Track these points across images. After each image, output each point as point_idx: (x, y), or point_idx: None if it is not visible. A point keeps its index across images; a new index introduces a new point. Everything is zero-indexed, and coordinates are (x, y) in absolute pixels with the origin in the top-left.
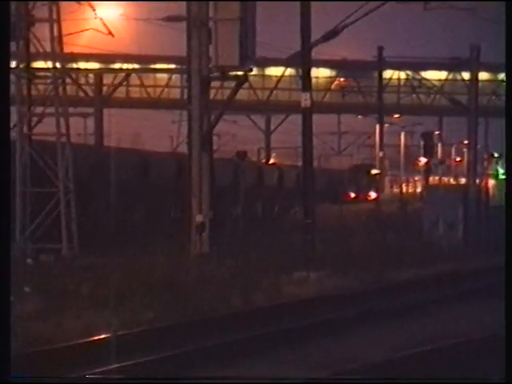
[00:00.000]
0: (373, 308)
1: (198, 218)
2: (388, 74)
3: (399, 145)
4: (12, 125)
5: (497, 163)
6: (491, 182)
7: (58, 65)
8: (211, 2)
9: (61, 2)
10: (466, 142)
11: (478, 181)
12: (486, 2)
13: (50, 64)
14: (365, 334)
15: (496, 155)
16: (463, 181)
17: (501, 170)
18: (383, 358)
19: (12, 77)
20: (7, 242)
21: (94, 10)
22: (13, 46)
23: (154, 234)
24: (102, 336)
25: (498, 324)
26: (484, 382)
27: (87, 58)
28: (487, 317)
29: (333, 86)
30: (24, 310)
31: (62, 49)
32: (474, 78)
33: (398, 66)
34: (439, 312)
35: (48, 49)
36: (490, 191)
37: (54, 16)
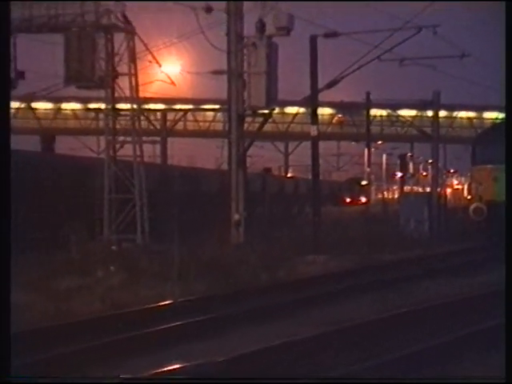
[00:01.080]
0: (361, 282)
1: (236, 217)
2: (374, 111)
3: (382, 163)
4: (101, 149)
5: (452, 177)
6: (448, 191)
7: (135, 106)
8: (245, 60)
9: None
10: (430, 161)
11: (438, 189)
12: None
13: (129, 106)
14: (355, 301)
15: (452, 171)
16: (428, 189)
17: (455, 182)
18: (365, 319)
19: (102, 115)
20: (7, 243)
21: (160, 66)
22: (102, 93)
23: (204, 229)
24: (167, 302)
25: (452, 294)
26: (484, 381)
27: (155, 101)
28: (446, 288)
29: (334, 121)
30: (110, 284)
31: (137, 94)
32: (436, 115)
33: (381, 106)
34: (411, 285)
35: (128, 94)
36: (448, 197)
37: (132, 71)
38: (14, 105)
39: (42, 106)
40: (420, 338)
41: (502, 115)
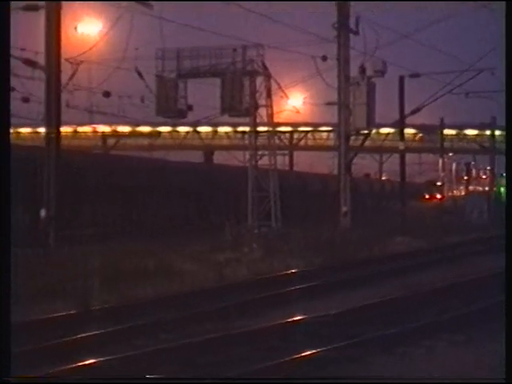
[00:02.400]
0: (436, 257)
1: (344, 209)
2: (446, 131)
3: (452, 169)
4: (246, 160)
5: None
6: (502, 190)
7: (270, 129)
8: (351, 94)
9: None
10: (488, 168)
11: (494, 189)
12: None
13: (266, 128)
14: (433, 271)
15: (504, 174)
16: (487, 189)
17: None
18: (441, 284)
19: (247, 135)
20: (7, 243)
21: (287, 98)
22: (247, 119)
23: (318, 218)
24: (293, 271)
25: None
26: (484, 382)
27: (285, 124)
28: (495, 262)
29: (416, 138)
30: (253, 257)
31: (272, 120)
32: (492, 134)
33: (451, 127)
34: (474, 259)
35: (265, 120)
36: (504, 194)
37: (268, 103)
38: (184, 129)
39: (204, 129)
40: (482, 296)
41: None
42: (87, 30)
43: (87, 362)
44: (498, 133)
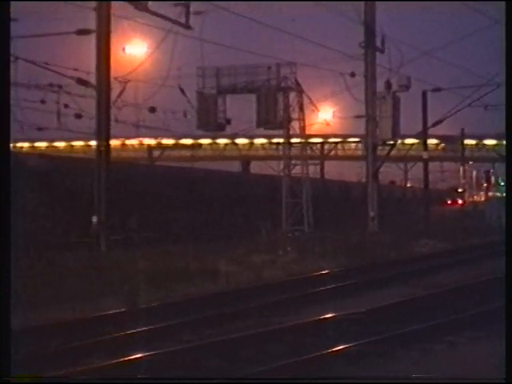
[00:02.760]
0: (458, 258)
1: (371, 214)
2: (466, 141)
3: (472, 177)
4: (280, 169)
5: None
6: None
7: (303, 140)
8: (377, 108)
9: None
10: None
11: None
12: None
13: (299, 140)
14: (456, 270)
15: None
16: (505, 194)
17: None
18: (463, 283)
19: (281, 147)
20: (7, 244)
21: (318, 111)
22: (281, 132)
23: (347, 222)
24: (325, 271)
25: None
26: (484, 382)
27: (316, 136)
28: None
29: (439, 148)
30: (287, 259)
31: (304, 132)
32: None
33: (472, 137)
34: (493, 260)
35: (298, 132)
36: None
37: (301, 117)
38: (223, 141)
39: (241, 141)
40: (496, 295)
41: None
42: (134, 51)
43: (136, 356)
44: None
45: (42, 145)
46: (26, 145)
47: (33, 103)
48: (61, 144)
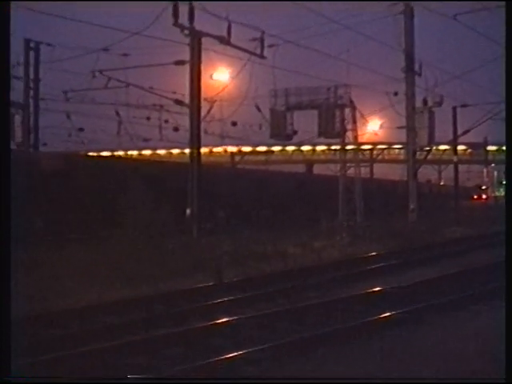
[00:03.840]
0: (483, 242)
1: (411, 206)
2: (489, 147)
3: (494, 176)
4: (337, 170)
5: None
6: None
7: (355, 146)
8: (416, 120)
9: (358, 123)
10: None
11: None
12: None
13: (352, 146)
14: (480, 252)
15: None
16: None
17: None
18: (485, 262)
19: (338, 152)
20: (7, 243)
21: (368, 123)
22: (338, 140)
23: (392, 214)
24: (373, 253)
25: None
26: (484, 382)
27: (367, 143)
28: None
29: (467, 153)
30: (343, 243)
31: (357, 140)
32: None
33: (495, 144)
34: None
35: (352, 140)
36: None
37: (354, 128)
38: (291, 148)
39: (305, 148)
40: None
41: None
42: (220, 77)
43: (222, 320)
44: None
45: (147, 152)
46: (135, 153)
47: (140, 119)
48: (162, 151)
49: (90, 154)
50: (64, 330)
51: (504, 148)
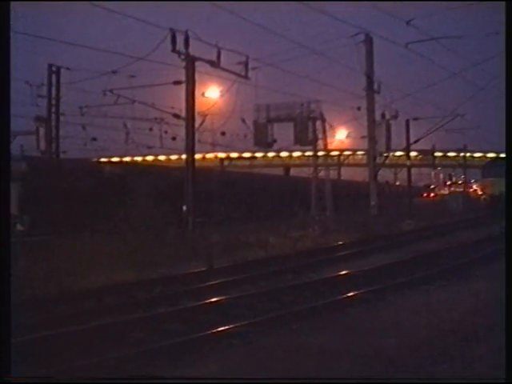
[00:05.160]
0: (431, 232)
1: (372, 202)
2: (437, 154)
3: (440, 177)
4: (310, 173)
5: (473, 184)
6: (471, 190)
7: (325, 153)
8: (376, 130)
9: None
10: (463, 176)
11: (466, 190)
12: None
13: (323, 153)
14: (430, 241)
15: (472, 180)
16: (462, 190)
17: (474, 186)
18: (433, 249)
19: (311, 158)
20: (7, 242)
21: (336, 134)
22: (311, 148)
23: (356, 209)
24: (340, 243)
25: (474, 237)
26: (484, 381)
27: (335, 150)
28: (471, 234)
29: (417, 158)
30: (315, 234)
31: (326, 147)
32: (464, 156)
33: (441, 150)
34: (453, 234)
35: (322, 147)
36: (471, 193)
37: (323, 137)
38: (271, 154)
39: (283, 154)
40: (461, 256)
41: (500, 154)
42: (211, 94)
43: (213, 300)
44: (467, 154)
45: (150, 158)
46: (139, 158)
47: (144, 130)
48: (162, 157)
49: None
50: (73, 309)
51: (448, 154)
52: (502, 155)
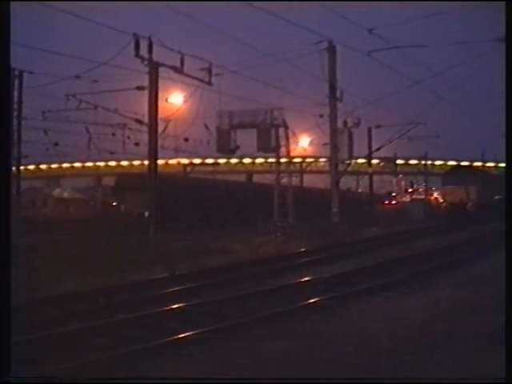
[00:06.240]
0: (393, 239)
1: (334, 210)
2: (398, 161)
3: (401, 185)
4: (273, 179)
5: (434, 191)
6: (432, 198)
7: (288, 160)
8: (338, 138)
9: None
10: (424, 184)
11: (427, 197)
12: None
13: (286, 159)
14: (391, 248)
15: (433, 188)
16: (423, 197)
17: (435, 193)
18: (394, 256)
19: (274, 165)
20: (7, 243)
21: (299, 141)
22: (273, 154)
23: (318, 216)
24: (302, 249)
25: (434, 244)
26: (484, 382)
27: (298, 157)
28: (430, 242)
29: (379, 165)
30: (277, 241)
31: (289, 154)
32: (425, 164)
33: (402, 158)
34: (414, 241)
35: (285, 154)
36: (432, 200)
37: (286, 143)
38: (234, 160)
39: (246, 160)
40: (421, 264)
41: (460, 163)
42: (174, 100)
43: (173, 307)
44: (429, 162)
45: (113, 164)
46: (102, 164)
47: (106, 136)
48: (125, 163)
49: None
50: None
51: (410, 162)
52: (463, 163)
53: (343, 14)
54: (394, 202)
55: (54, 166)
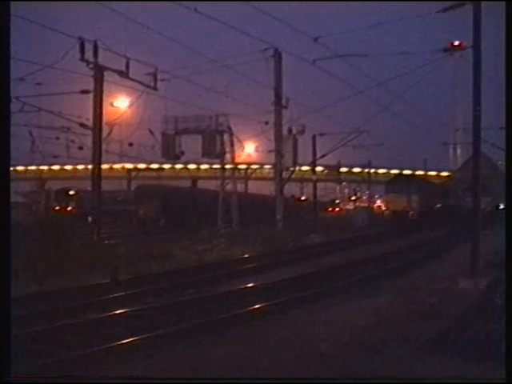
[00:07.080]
0: (334, 248)
1: (278, 216)
2: (342, 169)
3: (345, 192)
4: (217, 186)
5: (377, 199)
6: (375, 205)
7: (232, 166)
8: (283, 145)
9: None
10: (367, 191)
11: (371, 205)
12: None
13: (230, 166)
14: (333, 255)
15: (376, 196)
16: (366, 205)
17: (378, 201)
18: (335, 263)
19: (218, 171)
20: (8, 245)
21: (244, 147)
22: (218, 161)
23: (262, 222)
24: (246, 255)
25: (377, 251)
26: (484, 382)
27: (244, 163)
28: (374, 248)
29: (324, 173)
30: (220, 247)
31: (234, 161)
32: (369, 172)
33: (346, 166)
34: (357, 248)
35: (230, 161)
36: (375, 208)
37: (231, 150)
38: (179, 166)
39: (191, 166)
40: (363, 271)
41: (404, 171)
42: (119, 104)
43: (115, 312)
44: (372, 170)
45: (57, 168)
46: (45, 167)
47: (50, 139)
48: (69, 167)
49: None
50: None
51: (353, 170)
52: (406, 172)
53: (289, 21)
54: (337, 210)
55: None
